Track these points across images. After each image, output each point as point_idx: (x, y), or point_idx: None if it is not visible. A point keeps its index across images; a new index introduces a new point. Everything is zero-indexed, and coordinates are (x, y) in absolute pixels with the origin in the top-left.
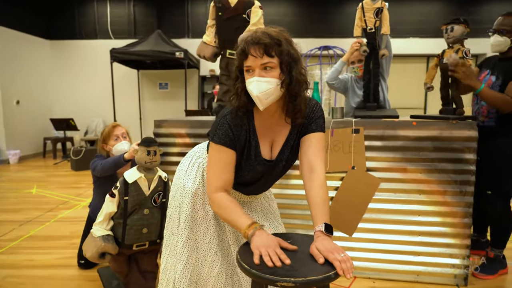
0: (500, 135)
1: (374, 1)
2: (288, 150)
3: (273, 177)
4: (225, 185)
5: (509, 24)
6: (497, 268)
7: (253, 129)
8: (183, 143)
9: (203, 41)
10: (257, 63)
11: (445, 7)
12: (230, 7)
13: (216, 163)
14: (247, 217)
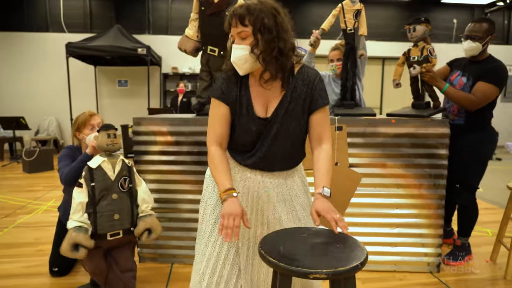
0: (469, 133)
1: (354, 3)
2: (282, 111)
3: (272, 141)
4: (218, 138)
5: (480, 31)
6: (464, 255)
7: (246, 85)
8: (164, 141)
9: (185, 35)
10: (235, 32)
11: (400, 12)
12: (213, 3)
13: (211, 116)
14: (228, 181)
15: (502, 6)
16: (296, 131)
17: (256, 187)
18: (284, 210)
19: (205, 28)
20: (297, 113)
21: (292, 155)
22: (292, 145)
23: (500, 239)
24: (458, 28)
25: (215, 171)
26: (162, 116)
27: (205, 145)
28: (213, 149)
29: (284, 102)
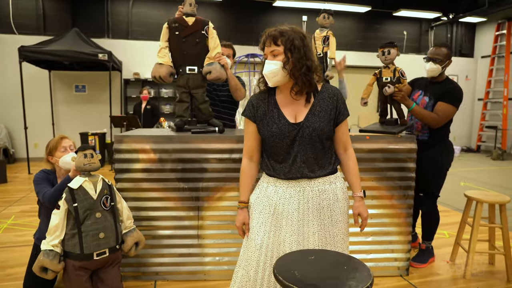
0: (431, 147)
1: (322, 31)
2: (313, 117)
3: (307, 144)
4: (249, 151)
5: (441, 54)
6: (428, 257)
7: (274, 101)
8: (147, 159)
9: (158, 63)
10: (268, 50)
11: (356, 23)
12: (188, 26)
13: (244, 132)
14: (245, 193)
15: (445, 21)
16: (325, 135)
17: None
18: (317, 221)
19: (182, 49)
20: (325, 119)
21: (327, 159)
22: (323, 148)
23: (458, 241)
24: (408, 39)
25: (240, 181)
26: (145, 134)
27: (189, 162)
28: (244, 161)
29: (313, 110)
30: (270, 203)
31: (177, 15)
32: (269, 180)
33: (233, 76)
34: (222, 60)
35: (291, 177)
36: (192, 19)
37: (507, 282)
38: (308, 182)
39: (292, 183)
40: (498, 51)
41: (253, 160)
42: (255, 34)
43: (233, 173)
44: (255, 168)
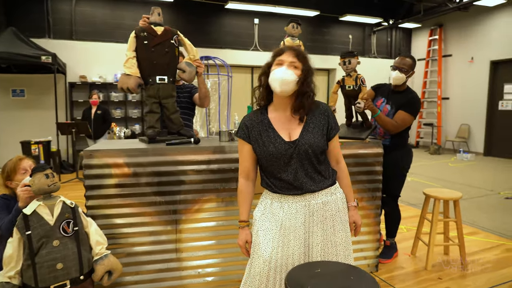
0: (392, 151)
1: (294, 40)
2: (307, 133)
3: (304, 160)
4: (245, 170)
5: (406, 65)
6: (392, 253)
7: (267, 121)
8: (121, 174)
9: (125, 74)
10: (288, 59)
11: (306, 27)
12: (158, 35)
13: (239, 153)
14: (245, 212)
15: (386, 26)
16: (320, 149)
17: (303, 212)
18: (321, 232)
19: (151, 59)
20: (318, 135)
21: (325, 171)
22: (319, 162)
23: (418, 235)
24: (353, 43)
25: (238, 200)
26: (117, 147)
27: (165, 175)
28: (240, 181)
29: (307, 127)
30: (276, 219)
31: (142, 24)
32: (273, 196)
33: (205, 83)
34: (200, 69)
35: (295, 192)
36: (160, 28)
37: (461, 270)
38: (312, 196)
39: (297, 198)
40: (431, 54)
41: (250, 179)
42: (208, 36)
43: (211, 183)
44: (252, 186)
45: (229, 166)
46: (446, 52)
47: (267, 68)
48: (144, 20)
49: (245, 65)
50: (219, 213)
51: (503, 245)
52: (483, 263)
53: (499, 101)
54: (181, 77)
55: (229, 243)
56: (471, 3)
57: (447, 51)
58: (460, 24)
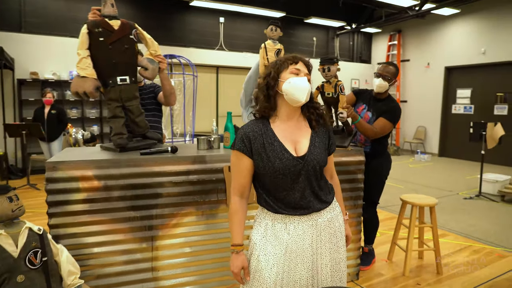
0: (373, 158)
1: (275, 43)
2: (315, 148)
3: (314, 176)
4: (241, 188)
5: (390, 73)
6: (370, 259)
7: (271, 132)
8: (90, 188)
9: (81, 76)
10: (305, 70)
11: None
12: (115, 30)
13: (234, 167)
14: (241, 235)
15: (348, 30)
16: (324, 164)
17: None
18: (328, 251)
19: (109, 58)
20: (323, 150)
21: (326, 186)
22: (322, 178)
23: (395, 241)
24: (317, 45)
25: (230, 221)
26: (85, 158)
27: (140, 188)
28: (234, 200)
29: (313, 141)
30: (281, 242)
31: (92, 17)
32: (275, 217)
33: (168, 79)
34: (163, 64)
35: (302, 212)
36: (117, 22)
37: (436, 274)
38: (318, 214)
39: (304, 218)
40: (391, 58)
41: (244, 197)
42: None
43: (189, 196)
44: (246, 205)
45: (209, 177)
46: (404, 57)
47: (276, 74)
48: (94, 13)
49: (211, 65)
50: (199, 227)
51: (471, 246)
52: (456, 266)
53: (452, 105)
54: (144, 75)
55: (210, 258)
56: (429, 11)
57: (406, 56)
58: (418, 31)
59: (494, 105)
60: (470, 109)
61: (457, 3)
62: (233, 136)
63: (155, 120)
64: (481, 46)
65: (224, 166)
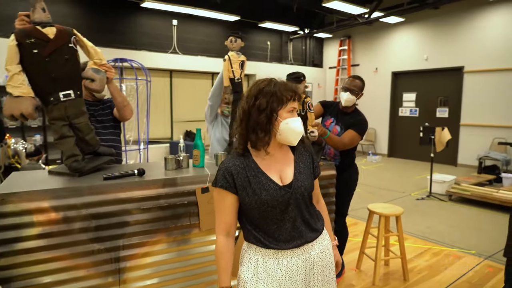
0: (342, 171)
1: (239, 55)
2: (300, 174)
3: (304, 204)
4: (227, 226)
5: (357, 87)
6: (341, 271)
7: (254, 165)
8: (47, 221)
9: (14, 95)
10: (296, 107)
11: (224, 31)
12: (50, 40)
13: (218, 206)
14: (229, 277)
15: (301, 35)
16: (312, 190)
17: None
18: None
19: (48, 72)
20: (308, 175)
21: (315, 214)
22: (311, 204)
23: (363, 250)
24: (271, 49)
25: (217, 263)
26: (41, 188)
27: (104, 217)
28: (220, 240)
29: (298, 167)
30: (273, 279)
31: (20, 25)
32: (266, 252)
33: (119, 89)
34: (111, 73)
35: (294, 244)
36: (52, 29)
37: (404, 281)
38: (311, 246)
39: (296, 252)
40: (341, 63)
41: (230, 235)
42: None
43: (160, 222)
44: (233, 244)
45: (180, 200)
46: (354, 62)
47: (272, 109)
48: (22, 19)
49: (164, 69)
50: (170, 255)
51: (430, 249)
52: (419, 271)
53: (399, 108)
54: (91, 87)
55: (184, 287)
56: (377, 19)
57: (355, 61)
58: (366, 37)
59: (437, 108)
60: (415, 112)
61: (402, 12)
62: (203, 154)
63: (113, 139)
64: (424, 53)
65: (197, 188)
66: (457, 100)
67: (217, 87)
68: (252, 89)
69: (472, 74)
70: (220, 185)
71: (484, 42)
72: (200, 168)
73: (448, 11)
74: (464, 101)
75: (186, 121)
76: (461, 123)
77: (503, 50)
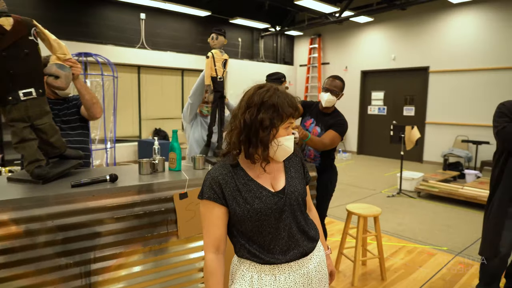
0: (322, 173)
1: (222, 53)
2: (293, 180)
3: (298, 213)
4: (216, 242)
5: (337, 87)
6: None
7: (243, 172)
8: (7, 235)
9: None
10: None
11: (195, 27)
12: (7, 32)
13: (205, 220)
14: None
15: (273, 32)
16: (305, 196)
17: (302, 282)
18: None
19: (3, 68)
20: (300, 179)
21: (310, 222)
22: (305, 210)
23: (341, 251)
24: (242, 46)
25: (206, 283)
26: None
27: (73, 229)
28: (209, 257)
29: (289, 172)
30: None
31: None
32: (262, 268)
33: (86, 86)
34: (77, 69)
35: (292, 256)
36: (8, 20)
37: (381, 280)
38: (309, 260)
39: (295, 267)
40: (312, 61)
41: (220, 251)
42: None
43: (135, 231)
44: (223, 261)
45: (157, 207)
46: (324, 60)
47: (272, 124)
48: None
49: (132, 64)
50: (147, 266)
51: (404, 247)
52: (395, 270)
53: (368, 106)
54: (55, 85)
55: None
56: (347, 19)
57: (326, 59)
58: (336, 36)
59: (404, 106)
60: (384, 110)
61: (371, 12)
62: (179, 157)
63: (82, 140)
64: (392, 52)
65: (174, 194)
66: (422, 99)
67: (200, 85)
68: (255, 99)
69: (437, 74)
70: (207, 197)
71: (448, 44)
72: (177, 172)
73: (415, 13)
74: (429, 100)
75: (155, 118)
76: (427, 121)
77: (466, 51)
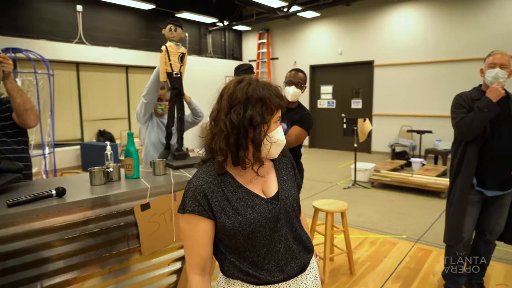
0: None
1: (178, 46)
2: (286, 183)
3: (294, 220)
4: (201, 262)
5: (301, 79)
6: None
7: (230, 178)
8: None
9: None
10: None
11: (139, 21)
12: None
13: (189, 237)
14: None
15: (220, 27)
16: (299, 198)
17: None
18: None
19: None
20: (292, 182)
21: (304, 230)
22: (300, 217)
23: None
24: (189, 41)
25: None
26: None
27: (15, 256)
28: (193, 280)
29: (280, 175)
30: None
31: None
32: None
33: (19, 87)
34: (7, 66)
35: (289, 272)
36: None
37: (350, 275)
38: (307, 274)
39: (293, 285)
40: (261, 57)
41: (206, 272)
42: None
43: (91, 252)
44: (209, 283)
45: (115, 222)
46: (273, 55)
47: (265, 119)
48: None
49: (69, 61)
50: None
51: (367, 238)
52: (362, 263)
53: (317, 100)
54: None
55: None
56: (295, 14)
57: (274, 54)
58: (284, 30)
59: (351, 99)
60: (333, 103)
61: (318, 7)
62: (137, 163)
63: (21, 149)
64: (338, 47)
65: (135, 206)
66: (369, 92)
67: (154, 82)
68: (238, 95)
69: (381, 67)
70: (191, 210)
71: (391, 38)
72: (135, 180)
73: (359, 8)
74: (375, 93)
75: (99, 119)
76: (373, 113)
77: (407, 46)
